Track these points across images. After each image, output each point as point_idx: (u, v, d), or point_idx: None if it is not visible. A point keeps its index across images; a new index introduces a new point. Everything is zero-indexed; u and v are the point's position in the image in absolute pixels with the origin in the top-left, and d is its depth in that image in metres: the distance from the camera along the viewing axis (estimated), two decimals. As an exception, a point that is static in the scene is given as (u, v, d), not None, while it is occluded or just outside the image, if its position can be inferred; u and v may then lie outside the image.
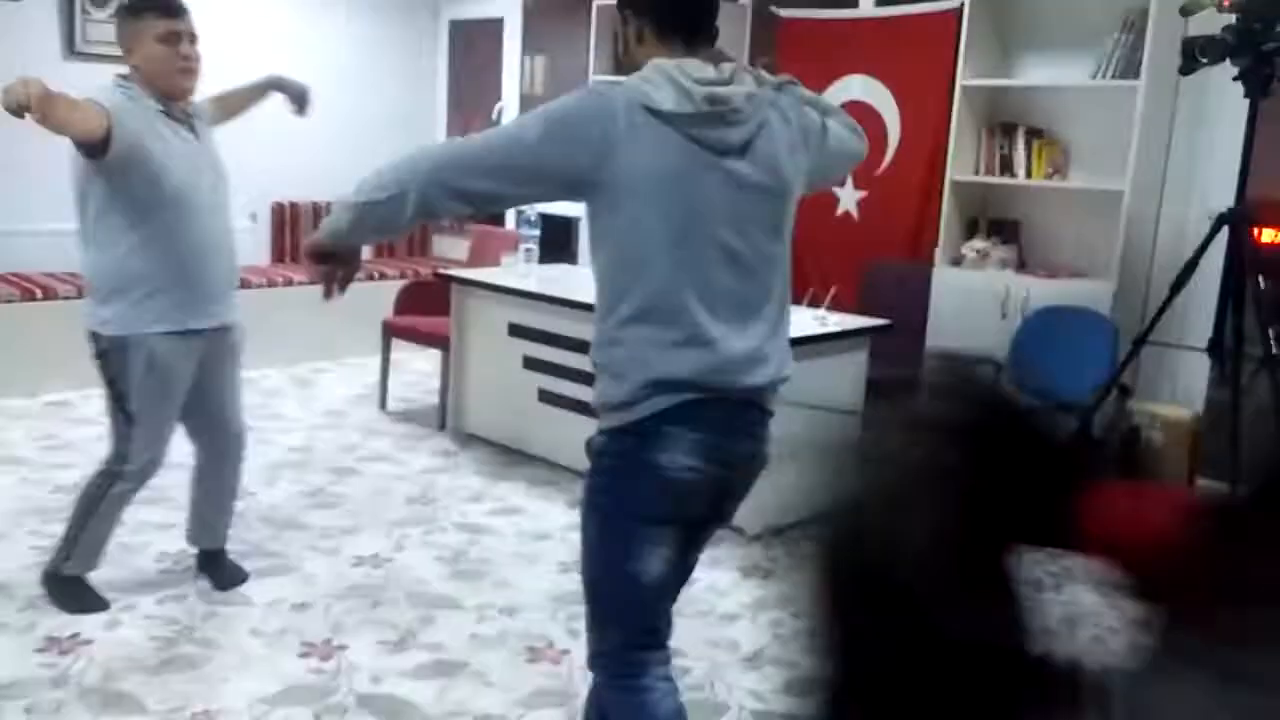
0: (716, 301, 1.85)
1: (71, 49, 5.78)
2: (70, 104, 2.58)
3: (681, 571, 2.05)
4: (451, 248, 7.35)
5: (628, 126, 1.79)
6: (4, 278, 5.44)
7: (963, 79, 4.65)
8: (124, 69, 2.88)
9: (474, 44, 7.53)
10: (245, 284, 5.98)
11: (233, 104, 3.35)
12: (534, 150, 1.81)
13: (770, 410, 1.99)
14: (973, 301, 4.62)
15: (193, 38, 2.91)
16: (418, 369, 6.29)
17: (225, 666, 2.82)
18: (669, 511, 1.90)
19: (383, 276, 6.61)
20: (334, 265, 2.03)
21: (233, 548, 3.55)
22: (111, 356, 2.91)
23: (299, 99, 3.37)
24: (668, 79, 1.81)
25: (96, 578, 3.16)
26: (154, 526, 3.71)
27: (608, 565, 1.95)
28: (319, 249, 2.00)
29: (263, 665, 2.85)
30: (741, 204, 1.87)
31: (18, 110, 2.42)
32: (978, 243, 4.68)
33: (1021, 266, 4.70)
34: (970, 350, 4.22)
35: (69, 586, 3.08)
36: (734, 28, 5.83)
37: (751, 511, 3.78)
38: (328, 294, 2.06)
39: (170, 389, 2.97)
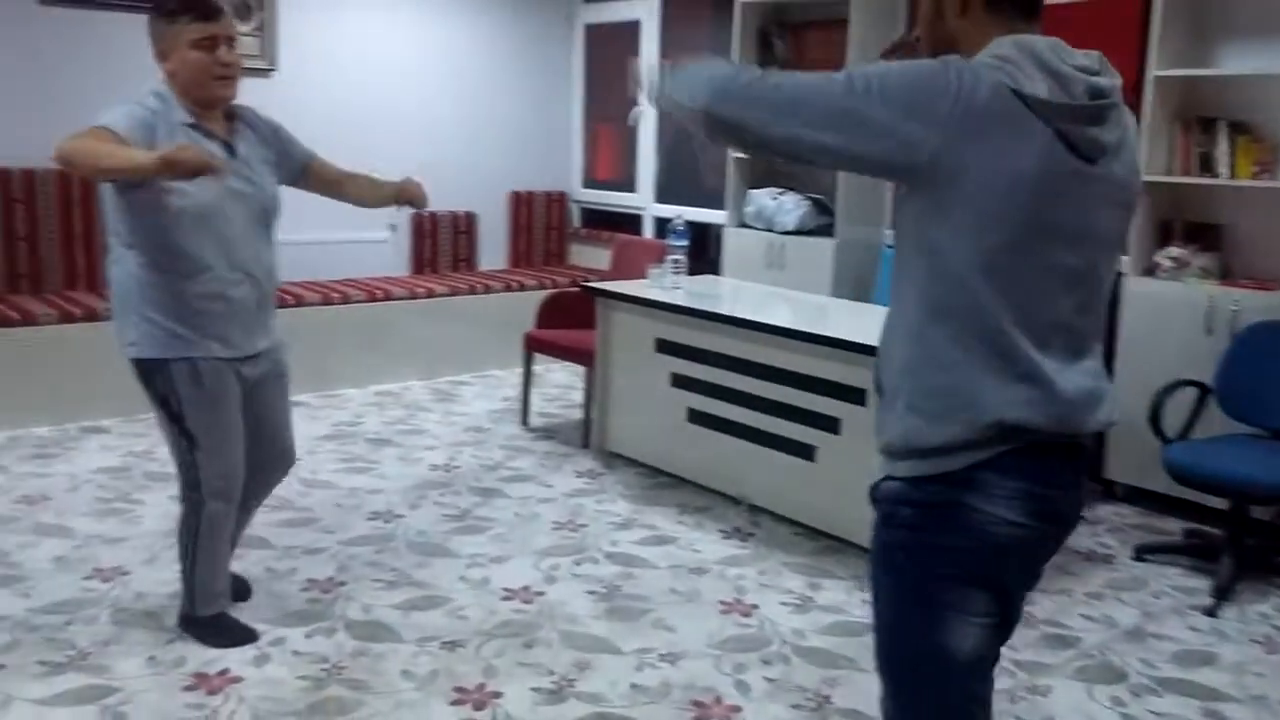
0: (1051, 332, 1.54)
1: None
2: (111, 150, 2.42)
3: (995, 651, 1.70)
4: (592, 257, 7.18)
5: (986, 112, 1.45)
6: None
7: (1154, 69, 4.21)
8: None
9: (608, 47, 7.36)
10: (387, 295, 5.96)
11: (352, 189, 3.12)
12: (861, 108, 1.48)
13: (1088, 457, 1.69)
14: (1170, 315, 4.18)
15: (231, 42, 2.71)
16: (558, 381, 6.15)
17: (377, 713, 2.66)
18: (987, 573, 1.59)
19: (521, 287, 6.48)
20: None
21: (382, 576, 3.43)
22: (155, 378, 2.74)
23: (419, 205, 3.19)
24: (1038, 62, 1.48)
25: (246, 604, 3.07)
26: (302, 550, 3.61)
27: (909, 638, 1.64)
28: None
29: (415, 713, 2.67)
30: (1098, 218, 1.56)
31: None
32: (1174, 250, 4.24)
33: (1225, 276, 4.23)
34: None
35: (208, 626, 2.96)
36: (889, 18, 5.48)
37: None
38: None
39: (224, 401, 2.79)
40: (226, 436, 2.82)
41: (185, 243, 2.66)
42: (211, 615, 2.96)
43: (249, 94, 2.87)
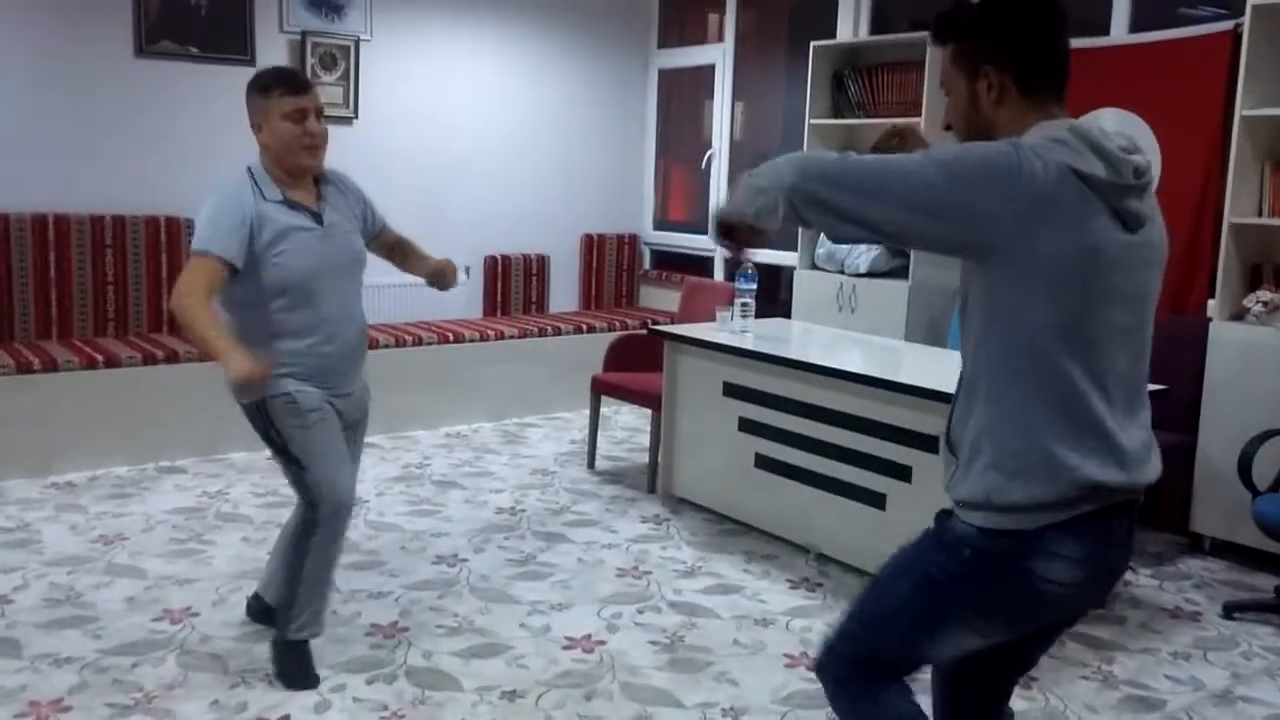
0: (1114, 387, 1.67)
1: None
2: (205, 322, 2.64)
3: (1024, 664, 2.01)
4: (661, 299, 7.18)
5: (1055, 191, 1.57)
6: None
7: (1243, 108, 4.07)
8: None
9: (682, 91, 7.40)
10: (458, 337, 6.01)
11: (398, 255, 3.31)
12: (938, 188, 1.58)
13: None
14: (1260, 362, 4.01)
15: (319, 113, 2.90)
16: (625, 424, 6.13)
17: (433, 764, 2.63)
18: (1020, 622, 1.77)
19: (591, 329, 6.49)
20: (738, 240, 1.80)
21: (444, 622, 3.42)
22: (256, 416, 2.90)
23: (443, 287, 3.36)
24: (1091, 145, 1.60)
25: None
26: (366, 595, 3.62)
27: (905, 625, 1.81)
28: (727, 221, 1.77)
29: (471, 764, 2.64)
30: (1143, 279, 1.70)
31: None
32: (1265, 293, 4.07)
33: (1319, 321, 4.05)
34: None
35: (292, 654, 2.99)
36: (965, 62, 5.42)
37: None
38: (734, 262, 2.04)
39: (325, 425, 2.92)
40: (328, 453, 2.92)
41: (278, 316, 2.85)
42: (298, 640, 2.99)
43: (334, 142, 3.02)
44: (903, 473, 3.73)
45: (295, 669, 3.00)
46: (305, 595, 2.96)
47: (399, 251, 3.30)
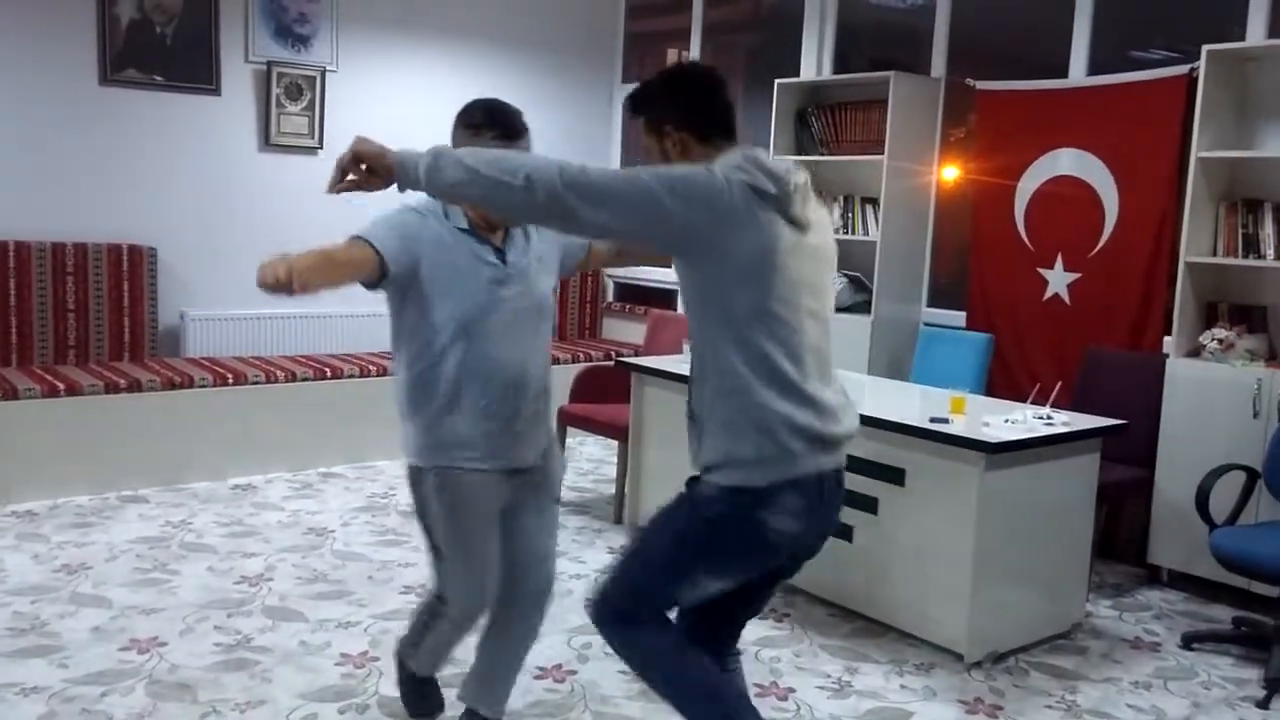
0: (810, 357, 2.10)
1: (267, 140, 5.96)
2: (329, 265, 2.22)
3: (753, 609, 2.44)
4: (625, 331, 7.22)
5: (742, 203, 2.01)
6: (197, 361, 5.57)
7: (1198, 150, 4.21)
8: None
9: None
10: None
11: (611, 253, 3.01)
12: (659, 197, 1.97)
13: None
14: (1216, 397, 4.12)
15: None
16: (591, 455, 6.14)
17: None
18: (756, 560, 2.19)
19: (555, 361, 6.49)
20: (363, 180, 2.08)
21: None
22: (414, 484, 2.60)
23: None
24: (760, 168, 2.05)
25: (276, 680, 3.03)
26: (335, 624, 3.59)
27: (666, 575, 2.22)
28: (372, 163, 2.05)
29: (446, 795, 2.63)
30: (817, 272, 2.14)
31: (276, 288, 2.06)
32: (1219, 331, 4.19)
33: (1272, 358, 4.17)
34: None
35: (409, 688, 2.92)
36: (927, 101, 5.55)
37: (967, 635, 3.43)
38: (336, 190, 2.11)
39: (473, 525, 2.57)
40: (470, 557, 2.59)
41: (446, 367, 2.49)
42: (421, 676, 2.90)
43: (298, 171, 2.90)
44: (869, 505, 3.78)
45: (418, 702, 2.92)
46: (422, 660, 2.85)
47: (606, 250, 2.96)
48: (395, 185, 2.08)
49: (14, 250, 5.22)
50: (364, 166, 2.07)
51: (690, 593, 2.23)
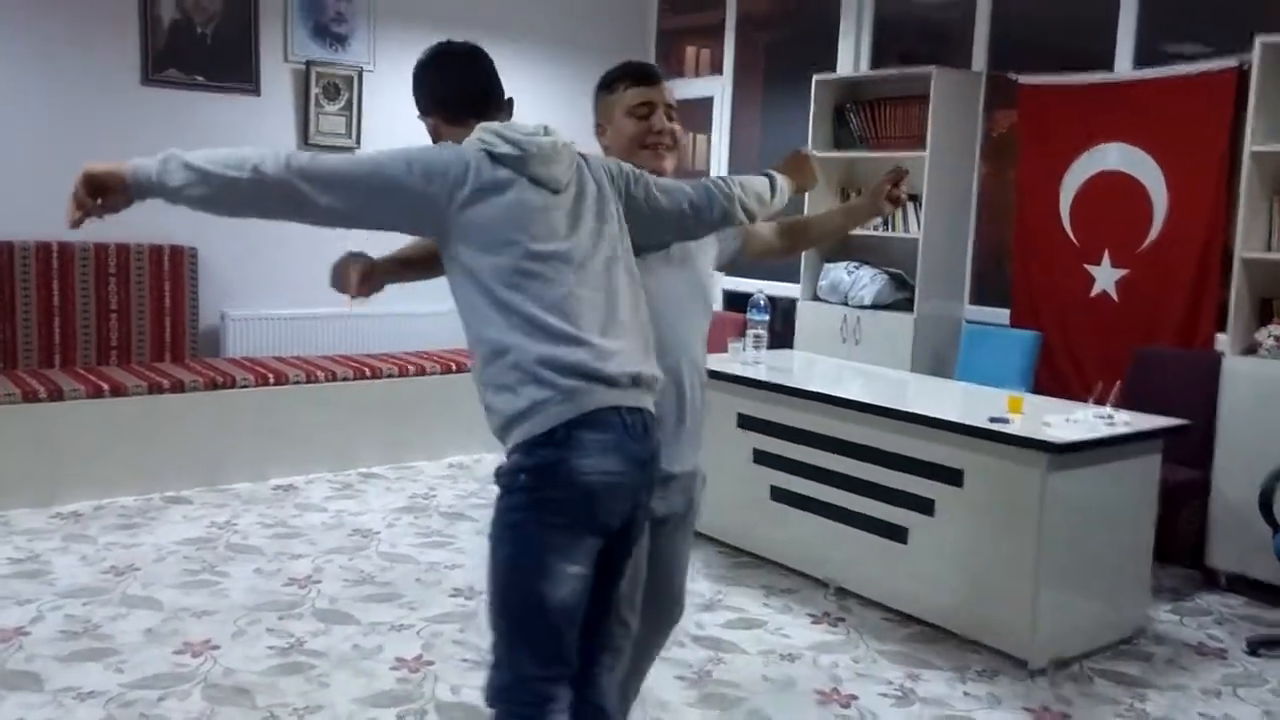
0: (570, 308, 2.01)
1: (306, 140, 5.95)
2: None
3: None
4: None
5: (483, 174, 2.01)
6: (238, 361, 5.57)
7: (1252, 144, 4.14)
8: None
9: (683, 123, 7.42)
10: (460, 367, 5.97)
11: (797, 234, 2.87)
12: (394, 174, 1.97)
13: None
14: (1274, 396, 4.05)
15: (670, 110, 2.42)
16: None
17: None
18: (586, 516, 1.99)
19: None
20: (105, 204, 2.00)
21: (468, 655, 3.38)
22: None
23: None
24: (499, 135, 2.05)
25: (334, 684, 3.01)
26: (388, 627, 3.57)
27: (518, 586, 2.00)
28: (104, 183, 1.98)
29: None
30: (579, 225, 2.08)
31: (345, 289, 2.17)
32: (1276, 328, 4.11)
33: (1331, 355, 4.11)
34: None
35: None
36: (968, 95, 5.49)
37: (1031, 641, 3.38)
38: (75, 224, 1.97)
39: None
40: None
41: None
42: None
43: None
44: (925, 506, 3.73)
45: None
46: None
47: (795, 231, 2.78)
48: (134, 198, 2.01)
49: (58, 251, 5.23)
50: (97, 192, 1.97)
51: (556, 590, 1.95)
